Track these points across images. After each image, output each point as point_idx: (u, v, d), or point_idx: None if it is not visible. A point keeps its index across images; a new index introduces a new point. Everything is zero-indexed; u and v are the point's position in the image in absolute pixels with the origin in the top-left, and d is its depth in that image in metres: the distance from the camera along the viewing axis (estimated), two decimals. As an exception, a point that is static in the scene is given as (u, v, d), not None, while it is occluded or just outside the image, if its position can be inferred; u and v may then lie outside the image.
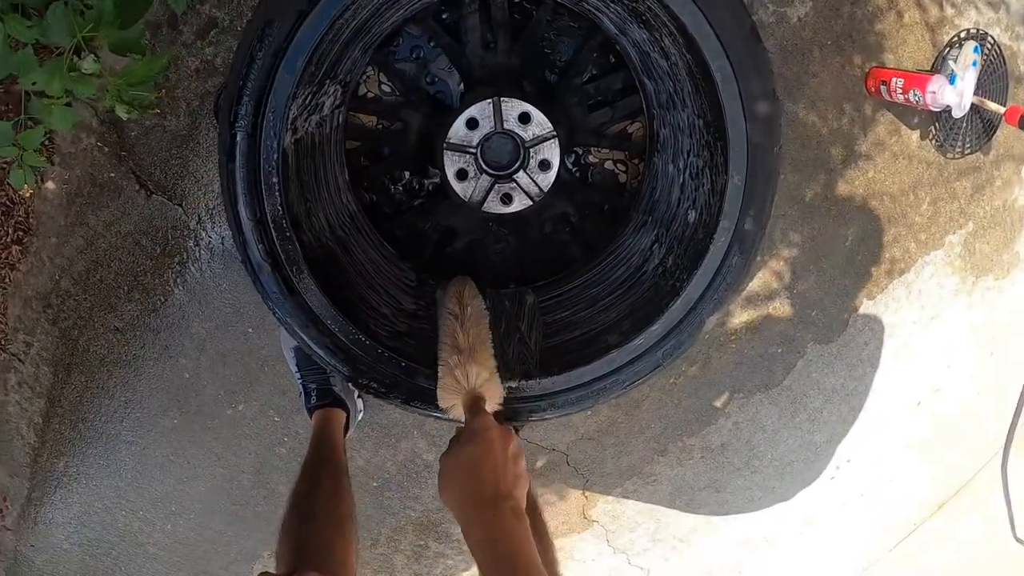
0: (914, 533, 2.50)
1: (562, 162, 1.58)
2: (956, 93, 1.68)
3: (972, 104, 1.72)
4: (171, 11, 1.51)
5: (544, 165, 1.55)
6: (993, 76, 1.78)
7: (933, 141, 1.85)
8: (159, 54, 1.24)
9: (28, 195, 1.61)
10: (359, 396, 1.94)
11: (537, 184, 1.56)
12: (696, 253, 1.40)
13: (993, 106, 1.73)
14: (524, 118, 1.51)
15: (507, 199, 1.57)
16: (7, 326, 1.86)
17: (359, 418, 1.95)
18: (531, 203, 1.58)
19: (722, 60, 1.23)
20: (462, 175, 1.54)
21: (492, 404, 1.20)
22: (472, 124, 1.50)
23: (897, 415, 2.20)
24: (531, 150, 1.53)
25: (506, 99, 1.49)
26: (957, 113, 1.70)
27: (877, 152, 1.85)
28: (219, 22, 1.56)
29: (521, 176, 1.56)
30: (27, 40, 1.13)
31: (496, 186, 1.56)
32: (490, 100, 1.49)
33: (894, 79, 1.70)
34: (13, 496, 2.18)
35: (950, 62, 1.73)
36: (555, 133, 1.52)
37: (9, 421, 2.04)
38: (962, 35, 1.75)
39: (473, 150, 1.52)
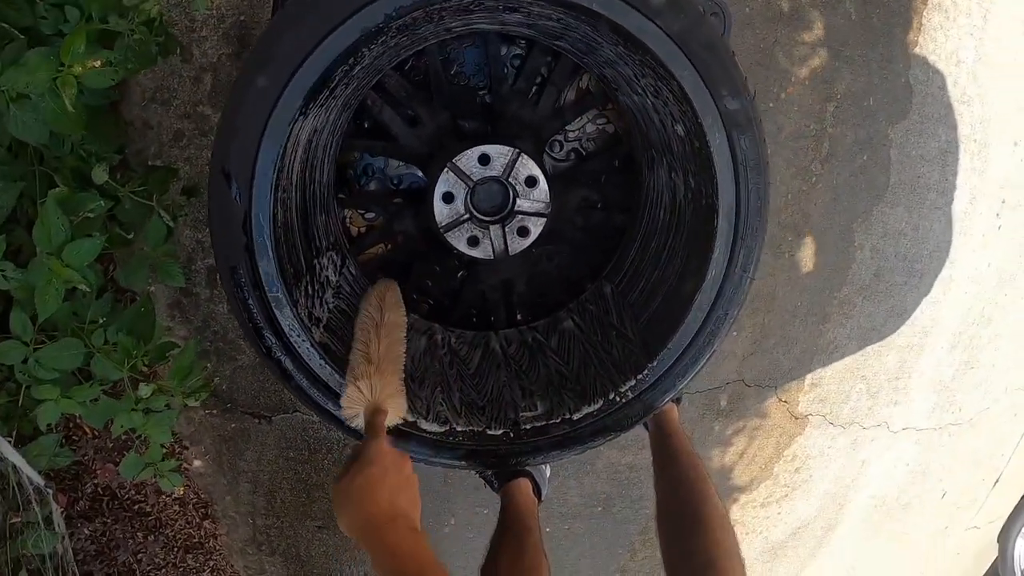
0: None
1: (546, 163, 1.56)
2: None
3: None
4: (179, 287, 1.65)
5: (530, 181, 1.53)
6: None
7: None
8: (186, 346, 1.38)
9: (180, 493, 1.83)
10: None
11: (537, 200, 1.55)
12: (704, 160, 1.35)
13: None
14: (483, 159, 1.50)
15: (524, 232, 1.57)
16: (240, 578, 2.11)
17: (547, 473, 2.01)
18: (546, 217, 1.57)
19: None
20: (473, 241, 1.57)
21: (394, 418, 1.23)
22: (448, 198, 1.52)
23: (1019, 128, 1.97)
24: (510, 179, 1.53)
25: (457, 157, 1.50)
26: None
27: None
28: (215, 267, 1.69)
29: (521, 204, 1.55)
30: (93, 396, 1.30)
31: (506, 228, 1.56)
32: (446, 167, 1.50)
33: None
34: None
35: None
36: (518, 150, 1.51)
37: (287, 645, 2.30)
38: None
39: (465, 217, 1.54)
